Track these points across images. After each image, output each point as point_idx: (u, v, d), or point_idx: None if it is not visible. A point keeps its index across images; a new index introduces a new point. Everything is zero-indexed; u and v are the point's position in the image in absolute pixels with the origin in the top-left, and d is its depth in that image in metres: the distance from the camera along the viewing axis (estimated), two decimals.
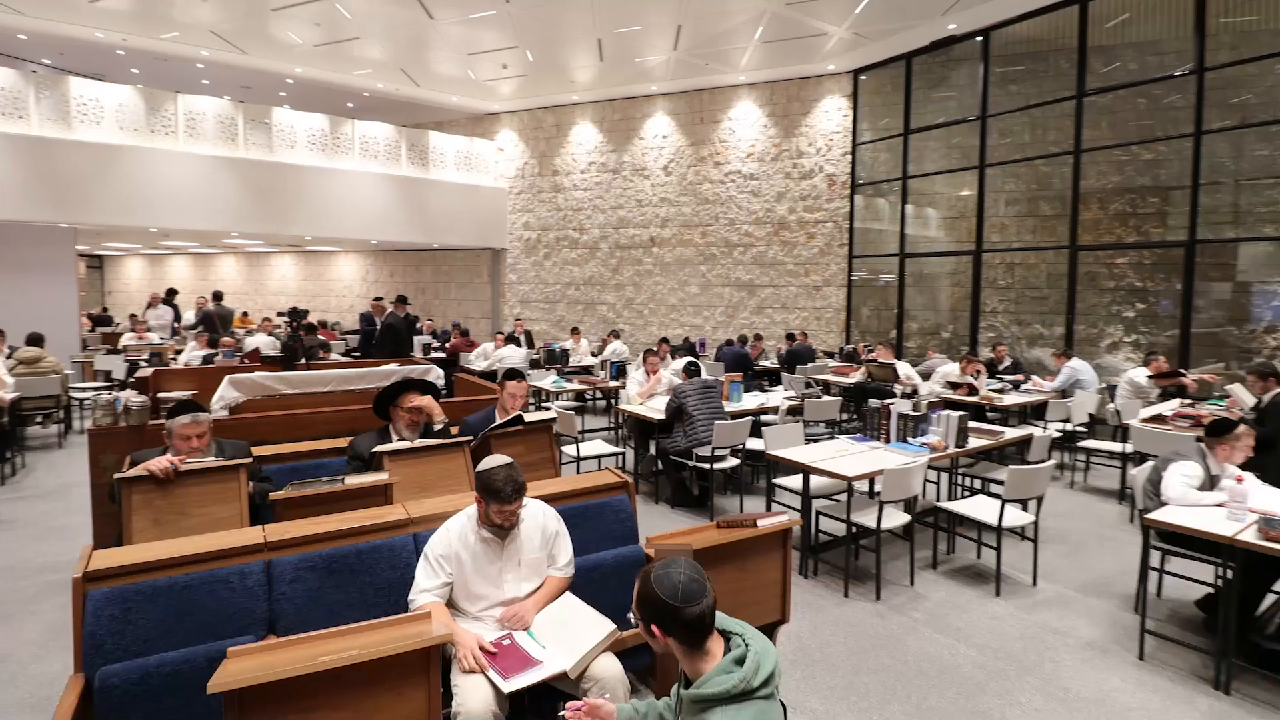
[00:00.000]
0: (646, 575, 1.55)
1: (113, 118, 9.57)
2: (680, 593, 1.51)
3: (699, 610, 1.51)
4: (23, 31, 9.42)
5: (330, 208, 11.15)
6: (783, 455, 4.24)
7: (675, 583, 1.52)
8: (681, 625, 1.48)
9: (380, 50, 9.88)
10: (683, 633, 1.48)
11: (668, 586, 1.52)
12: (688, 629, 1.49)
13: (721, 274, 11.54)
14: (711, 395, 5.42)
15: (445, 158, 12.37)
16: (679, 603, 1.50)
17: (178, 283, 17.94)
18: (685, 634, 1.48)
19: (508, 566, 2.41)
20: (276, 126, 10.71)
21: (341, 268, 16.18)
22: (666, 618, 1.48)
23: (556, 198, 12.76)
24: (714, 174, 11.38)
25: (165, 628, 2.08)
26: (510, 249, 13.37)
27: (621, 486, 3.05)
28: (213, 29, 9.10)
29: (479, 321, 14.01)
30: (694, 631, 1.49)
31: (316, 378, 3.91)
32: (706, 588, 1.55)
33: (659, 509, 5.46)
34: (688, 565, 1.55)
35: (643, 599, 1.53)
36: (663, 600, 1.50)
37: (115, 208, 9.57)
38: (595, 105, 12.15)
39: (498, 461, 2.38)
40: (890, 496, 3.81)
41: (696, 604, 1.51)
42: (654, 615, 1.50)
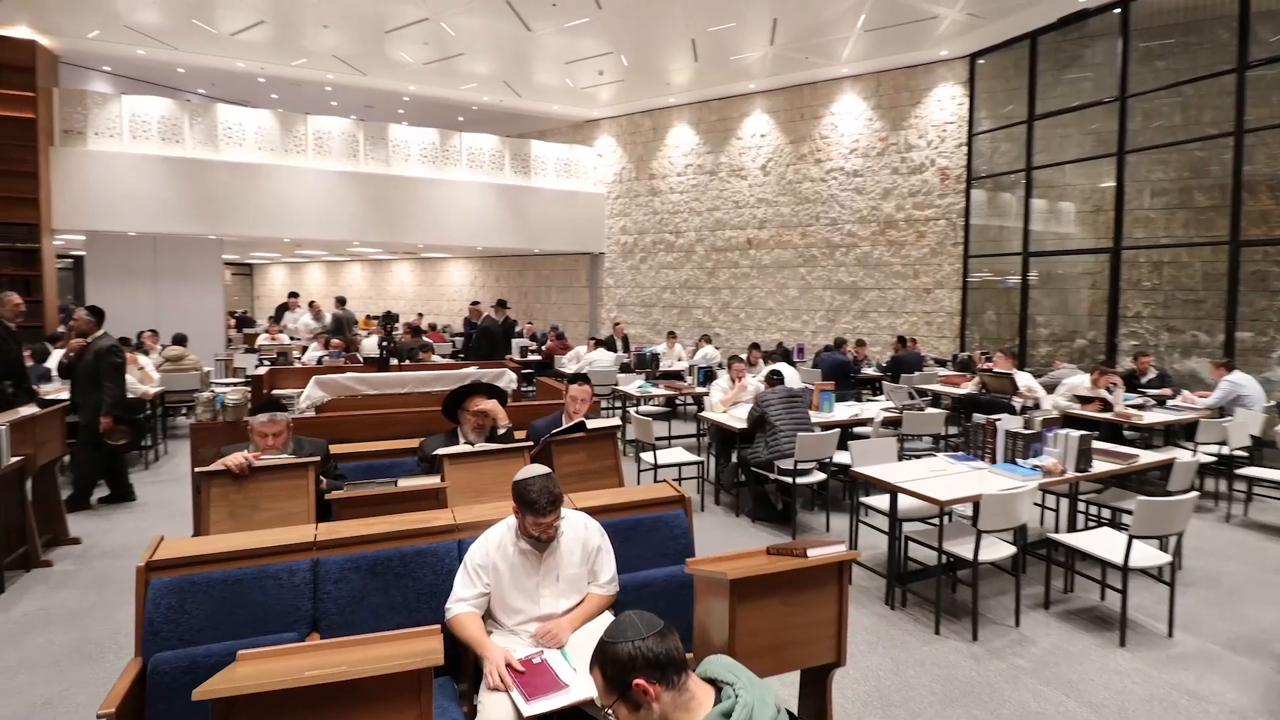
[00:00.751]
0: (602, 644, 1.41)
1: (253, 139, 10.59)
2: (642, 626, 1.37)
3: (670, 641, 1.36)
4: (181, 65, 10.61)
5: (440, 216, 11.74)
6: (867, 473, 3.90)
7: (631, 623, 1.39)
8: (658, 661, 1.32)
9: (484, 64, 10.27)
10: (660, 672, 1.31)
11: (627, 630, 1.38)
12: (663, 667, 1.32)
13: (822, 276, 11.03)
14: (796, 405, 5.12)
15: (546, 165, 12.69)
16: (646, 633, 1.36)
17: (312, 288, 19.66)
18: (663, 674, 1.31)
19: (545, 581, 2.32)
20: (392, 142, 11.42)
21: (452, 273, 17.05)
22: (642, 661, 1.32)
23: (653, 201, 12.74)
24: (814, 172, 10.90)
25: (216, 619, 2.16)
26: (607, 253, 13.50)
27: (678, 501, 2.89)
28: (335, 54, 9.83)
29: (577, 325, 14.25)
30: (669, 669, 1.33)
31: (395, 379, 4.05)
32: (664, 624, 1.41)
33: (739, 522, 5.23)
34: (636, 614, 1.42)
35: (609, 661, 1.37)
36: (630, 644, 1.35)
37: (254, 220, 10.57)
38: (691, 107, 12.02)
39: (534, 471, 2.30)
40: (990, 525, 3.39)
41: (659, 629, 1.37)
42: (628, 666, 1.33)
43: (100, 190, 9.70)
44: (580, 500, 2.79)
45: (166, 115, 10.09)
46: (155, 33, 9.13)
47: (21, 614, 3.56)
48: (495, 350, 8.62)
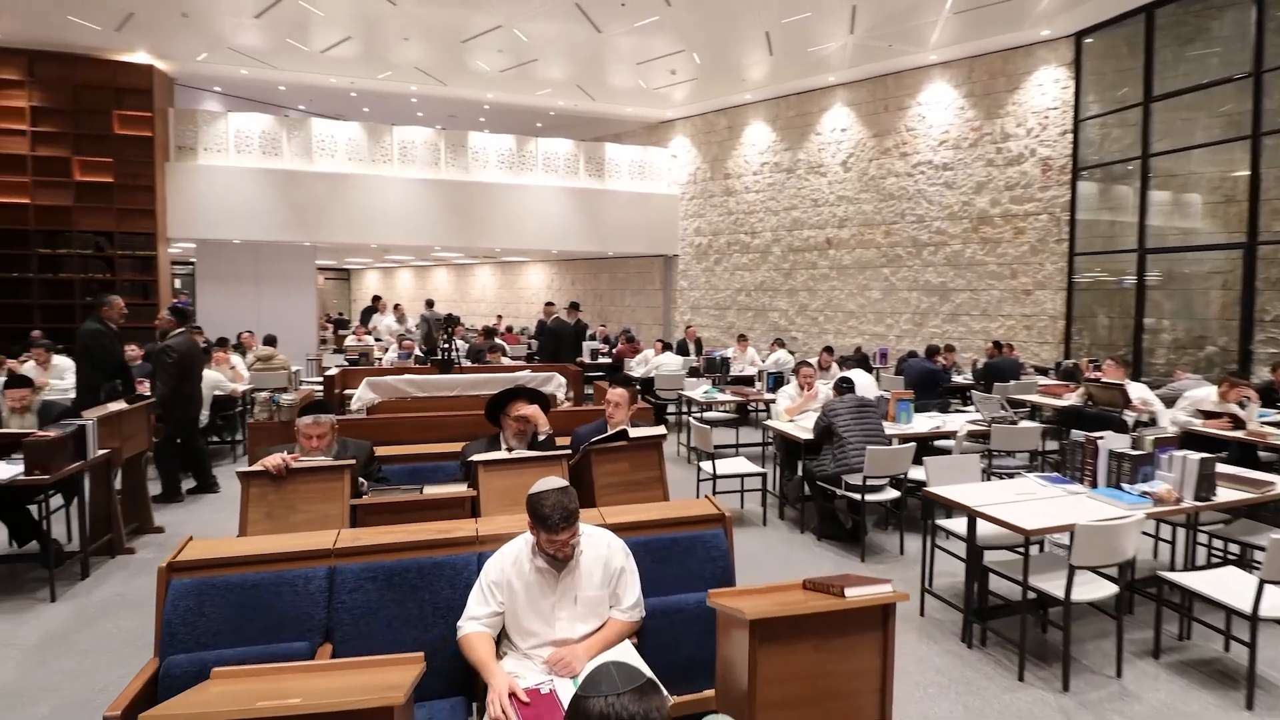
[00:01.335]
0: (575, 698, 1.23)
1: (344, 150, 11.13)
2: (619, 681, 1.18)
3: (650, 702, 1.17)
4: (282, 84, 11.30)
5: (516, 221, 11.93)
6: (941, 493, 3.51)
7: (607, 676, 1.20)
8: None
9: (557, 69, 10.34)
10: None
11: (602, 684, 1.20)
12: None
13: (908, 277, 10.38)
14: (867, 415, 4.74)
15: (620, 168, 12.66)
16: (623, 689, 1.17)
17: (402, 291, 20.59)
18: None
19: (562, 603, 2.16)
20: (472, 149, 11.72)
21: (530, 276, 17.37)
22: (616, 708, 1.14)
23: (728, 201, 12.44)
24: (900, 166, 10.28)
25: (233, 624, 2.14)
26: (681, 255, 13.31)
27: (717, 519, 2.66)
28: (417, 66, 10.18)
29: (650, 328, 14.13)
30: None
31: (444, 382, 4.04)
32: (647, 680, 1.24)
33: (803, 539, 4.91)
34: (614, 666, 1.25)
35: (579, 717, 1.20)
36: (603, 699, 1.16)
37: (344, 227, 11.11)
38: (768, 103, 11.64)
39: (551, 484, 2.15)
40: (1086, 560, 2.95)
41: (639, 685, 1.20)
42: None
43: (209, 201, 10.47)
44: (611, 515, 2.63)
45: (266, 130, 10.78)
46: (256, 53, 9.76)
47: (100, 598, 3.78)
48: (560, 352, 8.60)
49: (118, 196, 9.94)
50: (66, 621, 3.51)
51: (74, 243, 9.87)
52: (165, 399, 4.97)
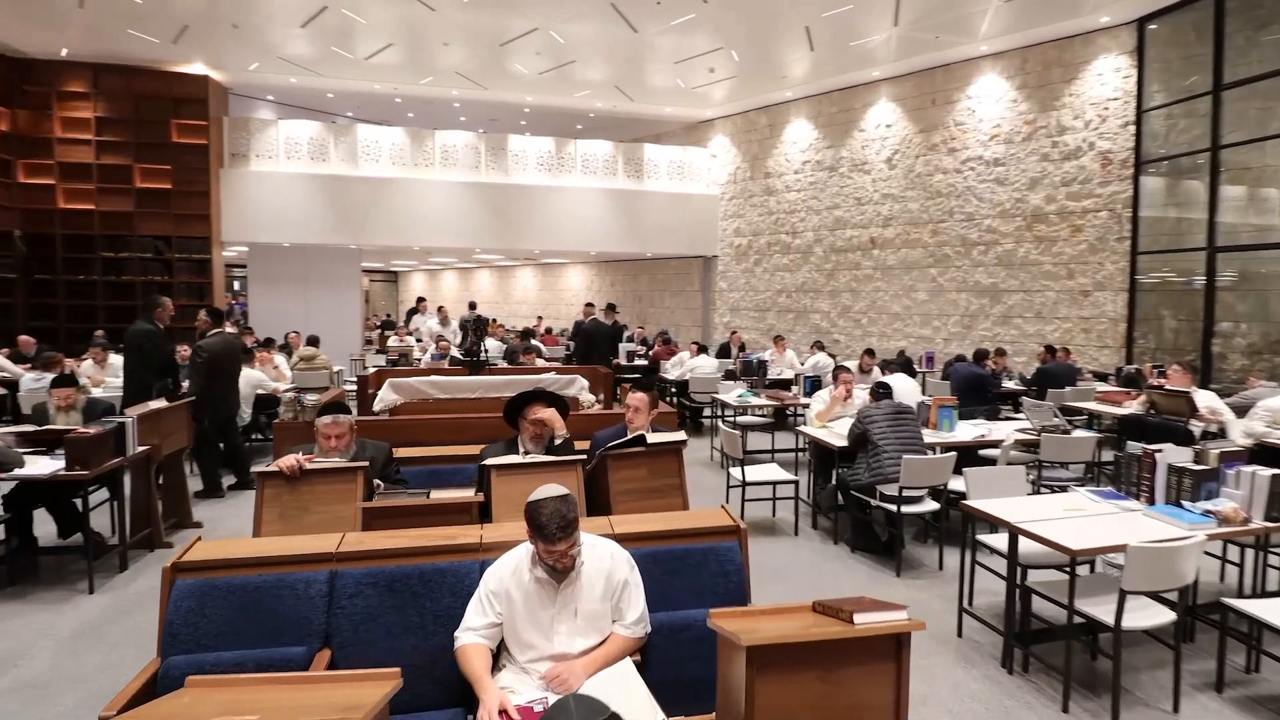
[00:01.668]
0: None
1: (388, 155, 11.37)
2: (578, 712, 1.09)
3: None
4: (330, 91, 11.62)
5: (555, 222, 11.97)
6: (979, 507, 3.30)
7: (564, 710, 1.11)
8: None
9: (595, 70, 10.33)
10: None
11: None
12: None
13: (956, 277, 9.98)
14: (905, 422, 4.53)
15: (659, 169, 12.57)
16: None
17: (447, 293, 20.96)
18: None
19: (561, 615, 2.08)
20: (511, 152, 11.81)
21: (571, 278, 17.44)
22: None
23: (768, 201, 12.21)
24: (948, 163, 9.89)
25: (234, 626, 2.13)
26: (721, 256, 13.14)
27: (731, 531, 2.54)
28: (457, 70, 10.31)
29: (689, 330, 13.99)
30: None
31: (466, 384, 4.01)
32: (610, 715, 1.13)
33: (836, 551, 4.72)
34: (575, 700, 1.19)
35: None
36: None
37: (388, 230, 11.34)
38: (810, 100, 11.37)
39: (550, 492, 2.07)
40: (1139, 584, 2.71)
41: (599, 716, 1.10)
42: None
43: (260, 206, 10.83)
44: (621, 524, 2.53)
45: (314, 136, 11.09)
46: (304, 62, 10.04)
47: (135, 591, 3.89)
48: (592, 353, 8.57)
49: (175, 202, 10.38)
50: (101, 613, 3.61)
51: (135, 246, 10.33)
52: (198, 397, 5.11)
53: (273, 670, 2.05)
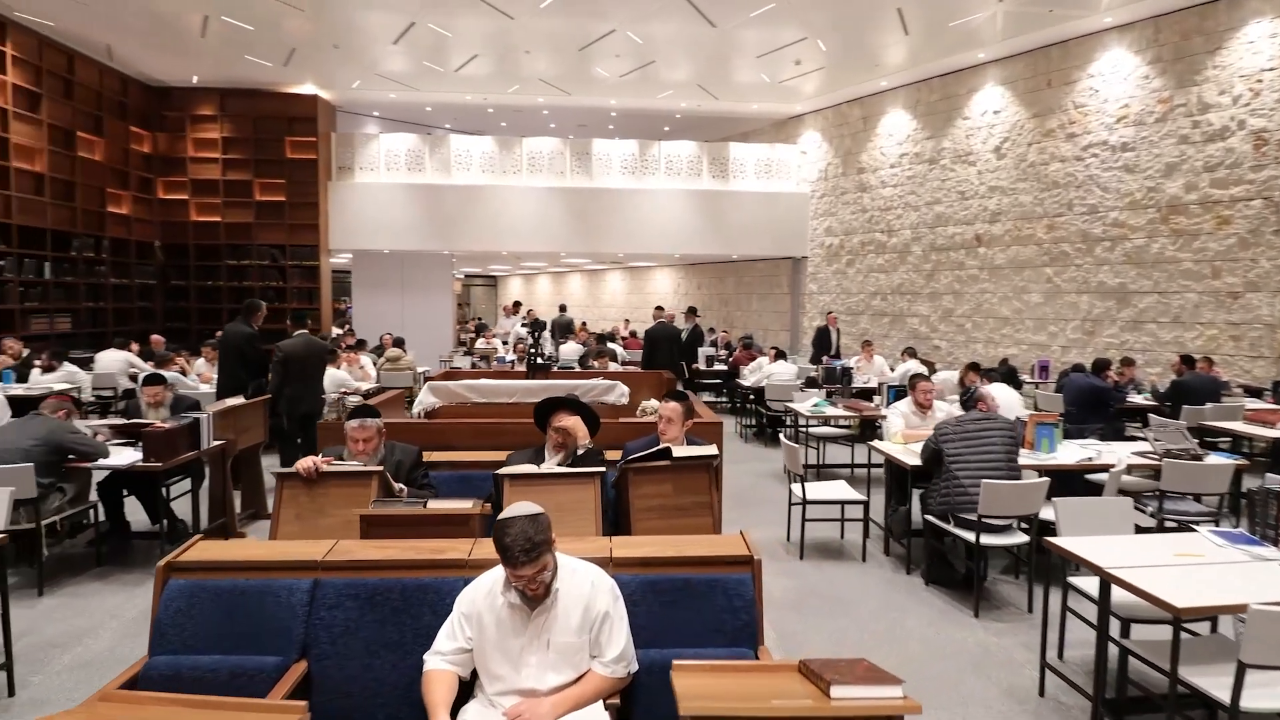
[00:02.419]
0: None
1: (478, 163, 11.75)
2: None
3: None
4: (428, 105, 12.16)
5: (638, 225, 11.90)
6: (1064, 544, 2.80)
7: None
8: None
9: (676, 70, 10.15)
10: None
11: None
12: None
13: (1076, 277, 8.94)
14: (987, 440, 3.99)
15: (745, 168, 12.19)
16: None
17: (540, 297, 21.50)
18: None
19: (532, 646, 1.90)
20: (596, 156, 11.86)
21: (658, 281, 17.33)
22: None
23: (862, 198, 11.52)
24: (1066, 149, 8.87)
25: (217, 630, 2.11)
26: (811, 257, 12.55)
27: (744, 561, 2.27)
28: (541, 77, 10.46)
29: (778, 334, 13.49)
30: None
31: (504, 388, 3.94)
32: None
33: (907, 581, 4.25)
34: None
35: None
36: None
37: (478, 236, 11.72)
38: (908, 89, 10.61)
39: (520, 510, 1.90)
40: (1264, 657, 2.16)
41: None
42: None
43: (362, 216, 11.50)
44: (622, 547, 2.32)
45: (411, 148, 11.65)
46: (400, 78, 10.56)
47: None
48: (655, 357, 8.40)
49: (289, 213, 11.21)
50: None
51: (254, 255, 11.26)
52: (274, 395, 5.39)
53: (245, 679, 2.02)
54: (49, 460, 3.82)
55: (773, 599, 3.97)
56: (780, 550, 4.75)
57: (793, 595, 4.03)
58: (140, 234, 10.67)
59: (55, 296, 9.06)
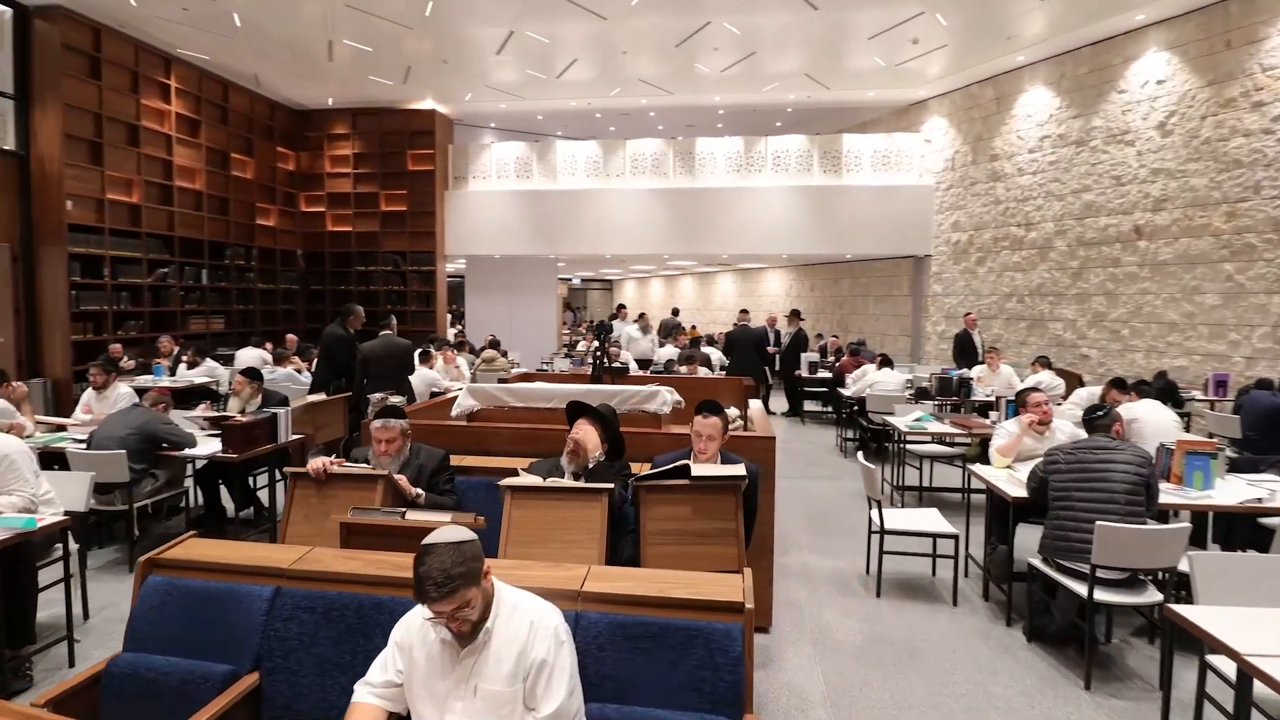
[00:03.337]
0: None
1: (583, 168, 11.86)
2: None
3: None
4: (539, 113, 12.46)
5: (743, 225, 11.45)
6: (1191, 617, 2.15)
7: None
8: None
9: (780, 60, 9.61)
10: None
11: None
12: None
13: (1266, 275, 7.38)
14: (1107, 471, 3.26)
15: (860, 160, 11.34)
16: None
17: (653, 300, 21.48)
18: None
19: (458, 691, 1.68)
20: (699, 155, 11.57)
21: (769, 283, 16.66)
22: None
23: (995, 188, 10.31)
24: (1251, 121, 7.35)
25: (183, 631, 2.08)
26: (935, 255, 11.44)
27: (734, 609, 1.90)
28: (641, 78, 10.33)
29: (896, 340, 12.44)
30: None
31: (541, 392, 3.77)
32: None
33: (1005, 635, 3.58)
34: None
35: None
36: None
37: (581, 239, 11.83)
38: (1048, 63, 9.32)
39: (447, 536, 1.68)
40: None
41: None
42: None
43: (475, 222, 12.00)
44: (597, 579, 2.04)
45: (519, 156, 11.99)
46: (508, 88, 10.87)
47: None
48: (735, 362, 7.95)
49: (409, 222, 11.93)
50: None
51: (379, 261, 12.09)
52: (355, 393, 5.62)
53: (193, 686, 1.96)
54: (142, 448, 4.16)
55: (830, 640, 3.49)
56: (854, 584, 4.21)
57: (857, 639, 3.52)
58: (284, 243, 11.80)
59: (211, 300, 10.21)
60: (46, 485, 3.28)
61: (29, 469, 3.17)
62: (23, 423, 4.46)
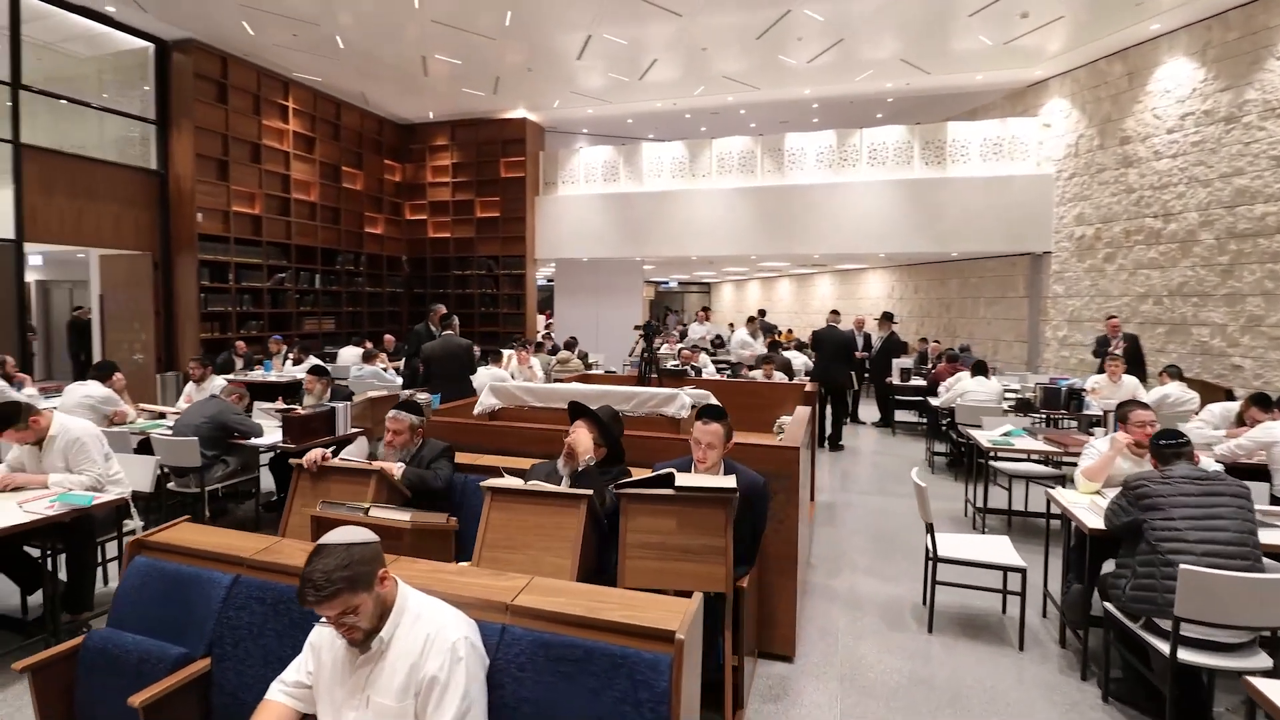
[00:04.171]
0: None
1: (669, 169, 11.76)
2: None
3: None
4: (629, 116, 12.51)
5: (834, 223, 10.88)
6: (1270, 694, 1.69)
7: None
8: None
9: (872, 45, 9.00)
10: None
11: None
12: None
13: None
14: (1216, 505, 2.69)
15: (968, 150, 10.42)
16: None
17: (750, 302, 20.98)
18: None
19: (352, 701, 1.61)
20: (788, 151, 11.12)
21: (870, 285, 15.73)
22: None
23: (1126, 175, 9.10)
24: None
25: (153, 612, 2.17)
26: (1056, 252, 10.28)
27: (664, 639, 1.70)
28: (724, 74, 10.06)
29: (1011, 346, 11.31)
30: None
31: (559, 392, 3.68)
32: None
33: (1079, 692, 3.08)
34: None
35: None
36: None
37: (666, 241, 11.73)
38: (1191, 29, 8.08)
39: (342, 537, 1.62)
40: None
41: None
42: None
43: (564, 226, 12.23)
44: (534, 592, 1.91)
45: (607, 160, 12.08)
46: (593, 92, 10.98)
47: None
48: (817, 366, 7.45)
49: (502, 227, 12.36)
50: None
51: (474, 265, 12.62)
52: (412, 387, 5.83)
53: (149, 666, 2.02)
54: (214, 436, 4.51)
55: (861, 677, 3.14)
56: (906, 615, 3.78)
57: (893, 678, 3.14)
58: (390, 250, 12.60)
59: (323, 302, 11.08)
60: (117, 467, 3.60)
61: (98, 451, 3.48)
62: (125, 410, 4.98)
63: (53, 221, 7.61)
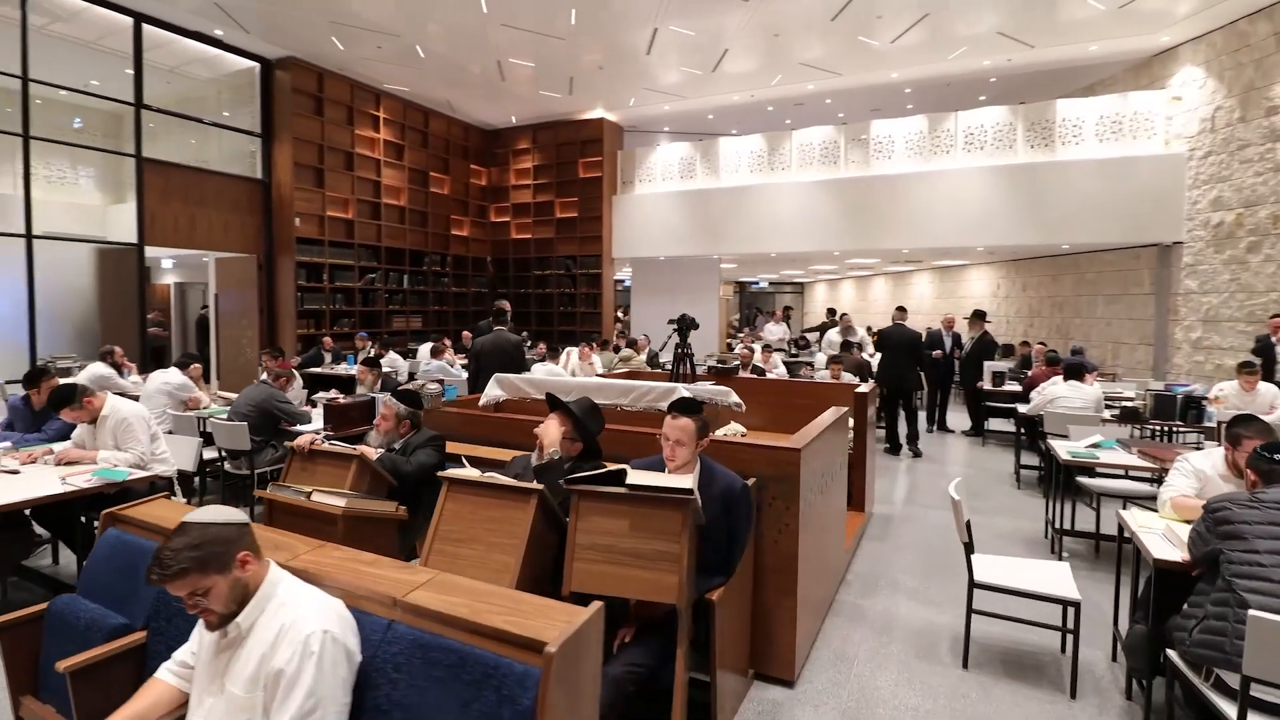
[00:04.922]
0: None
1: (746, 163, 11.41)
2: None
3: None
4: (709, 112, 12.27)
5: (923, 215, 10.11)
6: None
7: None
8: None
9: (963, 19, 8.24)
10: None
11: None
12: None
13: None
14: None
15: (1081, 130, 9.32)
16: None
17: (844, 302, 20.02)
18: None
19: (210, 688, 1.56)
20: (873, 140, 10.46)
21: (973, 282, 14.49)
22: None
23: (1274, 150, 7.78)
24: None
25: (113, 582, 2.25)
26: (1188, 242, 8.98)
27: (534, 648, 1.53)
28: (802, 61, 9.59)
29: (1135, 349, 10.02)
30: None
31: (559, 386, 3.55)
32: None
33: None
34: None
35: None
36: None
37: (743, 238, 11.39)
38: None
39: (204, 516, 1.58)
40: None
41: None
42: None
43: (640, 225, 12.18)
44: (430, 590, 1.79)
45: (684, 156, 11.90)
46: (668, 88, 10.84)
47: None
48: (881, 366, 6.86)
49: (579, 227, 12.50)
50: None
51: (553, 265, 12.84)
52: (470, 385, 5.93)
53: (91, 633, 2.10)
54: (262, 421, 4.78)
55: (869, 713, 2.80)
56: (941, 646, 3.35)
57: (905, 718, 2.76)
58: (475, 251, 13.08)
59: (411, 301, 11.65)
60: (164, 447, 3.87)
61: (144, 432, 3.75)
62: (199, 396, 5.40)
63: (169, 228, 8.47)
